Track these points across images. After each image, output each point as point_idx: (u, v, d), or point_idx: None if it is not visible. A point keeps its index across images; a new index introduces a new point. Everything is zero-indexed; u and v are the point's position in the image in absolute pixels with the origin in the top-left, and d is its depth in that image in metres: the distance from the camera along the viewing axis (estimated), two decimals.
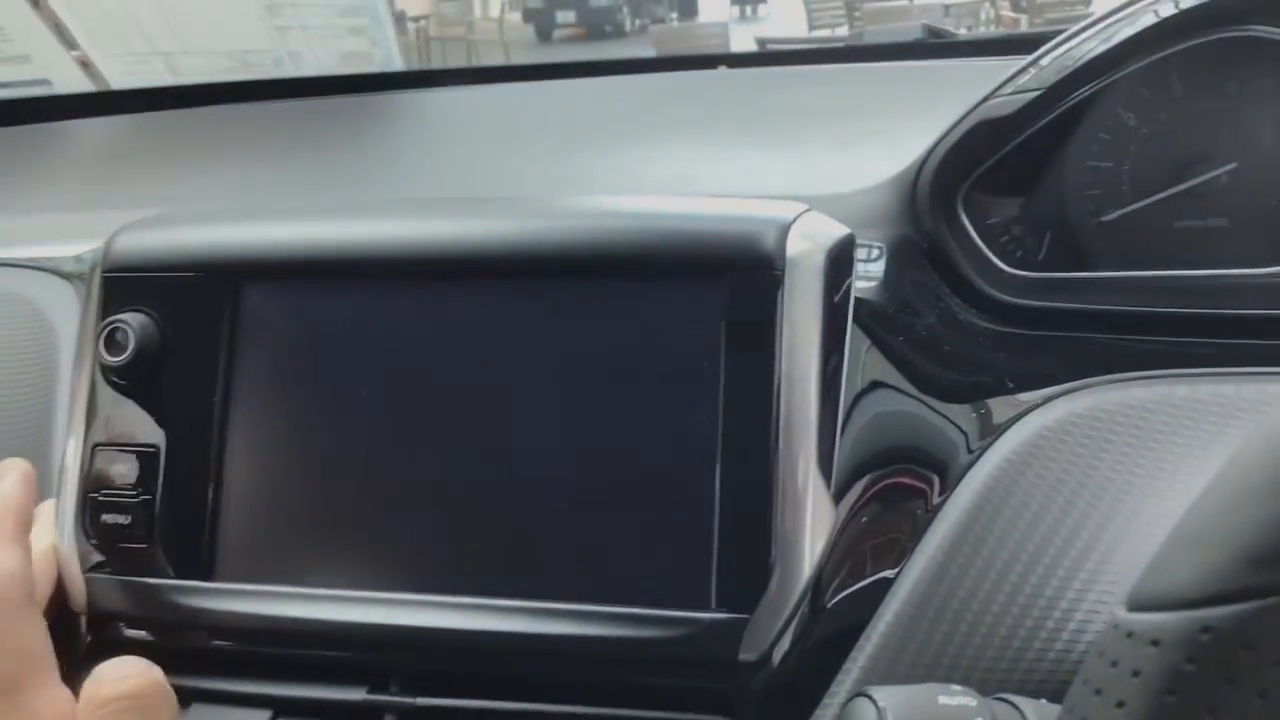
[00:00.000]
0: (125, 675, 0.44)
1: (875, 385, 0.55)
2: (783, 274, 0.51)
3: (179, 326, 0.56)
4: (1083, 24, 0.62)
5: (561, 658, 0.51)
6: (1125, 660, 0.27)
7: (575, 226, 0.54)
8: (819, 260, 0.51)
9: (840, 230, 0.54)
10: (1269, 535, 0.26)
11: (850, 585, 0.51)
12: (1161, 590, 0.28)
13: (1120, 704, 0.27)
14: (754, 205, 0.54)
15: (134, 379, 0.56)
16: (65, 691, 0.44)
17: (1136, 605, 0.28)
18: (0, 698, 0.43)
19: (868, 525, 0.52)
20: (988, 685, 0.46)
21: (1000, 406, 0.56)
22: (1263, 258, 0.62)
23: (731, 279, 0.51)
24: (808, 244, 0.52)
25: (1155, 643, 0.27)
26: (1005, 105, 0.60)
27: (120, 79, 1.17)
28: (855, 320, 0.54)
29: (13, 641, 0.44)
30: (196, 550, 0.54)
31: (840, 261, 0.53)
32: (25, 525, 0.50)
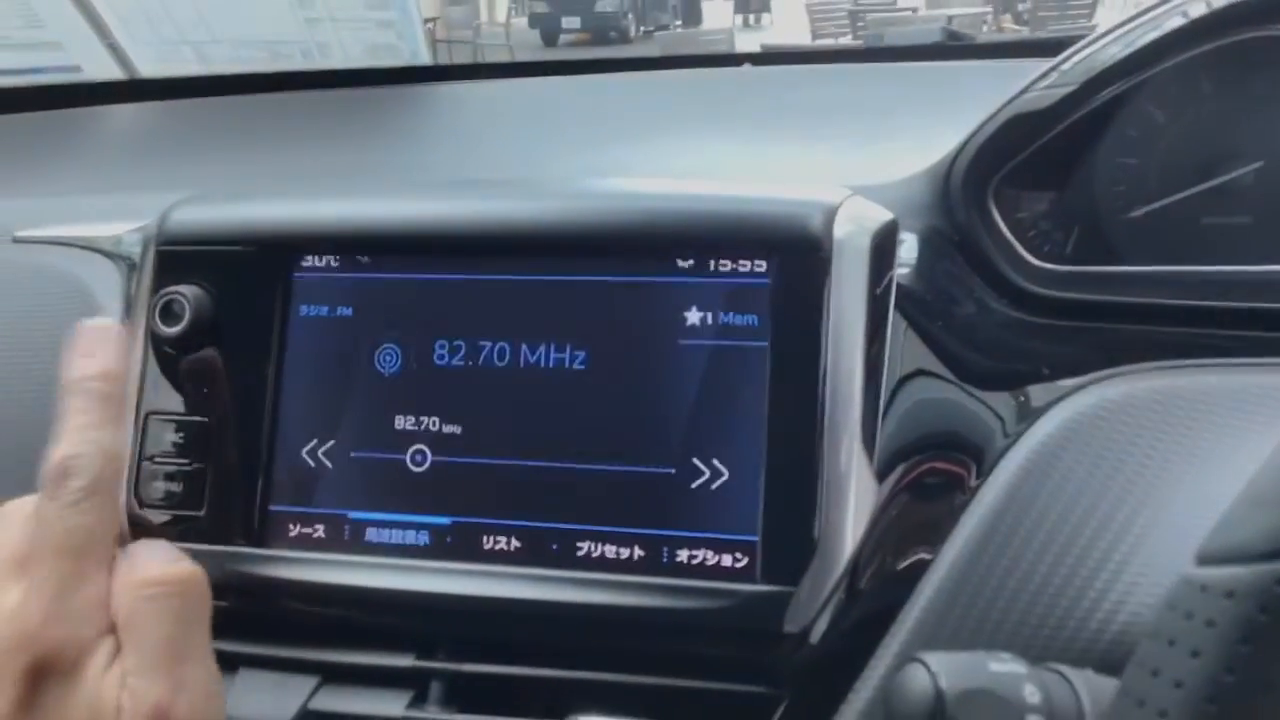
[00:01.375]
0: (165, 559, 0.45)
1: (913, 370, 0.56)
2: (830, 256, 0.52)
3: (233, 298, 0.57)
4: (1114, 24, 0.63)
5: (608, 626, 0.52)
6: (1200, 612, 0.28)
7: (626, 207, 0.55)
8: (865, 243, 0.53)
9: (885, 215, 0.56)
10: None
11: (890, 563, 0.52)
12: (1234, 544, 0.29)
13: (1195, 653, 0.28)
14: (800, 189, 0.55)
15: (188, 350, 0.57)
16: (105, 571, 0.44)
17: (1208, 559, 0.29)
18: (63, 568, 0.43)
19: (906, 506, 0.53)
20: (1026, 660, 0.47)
21: (1035, 392, 0.57)
22: None
23: (778, 260, 0.52)
24: (854, 227, 0.53)
25: (1230, 594, 0.28)
26: (1040, 100, 0.62)
27: (150, 67, 1.17)
28: (896, 305, 0.56)
29: (95, 520, 0.44)
30: (248, 519, 0.55)
31: (885, 246, 0.54)
32: (124, 402, 0.48)
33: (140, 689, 0.42)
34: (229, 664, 0.55)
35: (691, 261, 0.53)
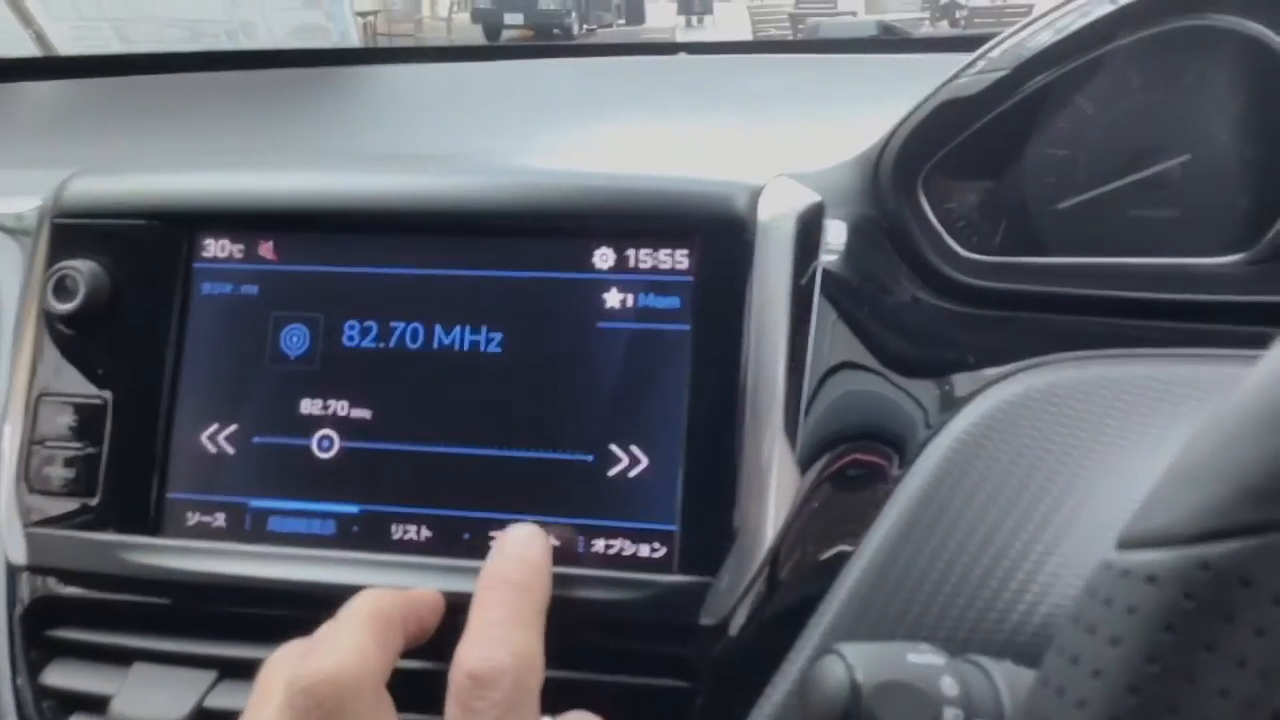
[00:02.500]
0: None
1: (838, 358, 0.55)
2: (754, 237, 0.50)
3: (131, 276, 0.55)
4: (1044, 11, 0.63)
5: None
6: (1120, 598, 0.27)
7: (546, 184, 0.53)
8: (791, 226, 0.51)
9: (812, 197, 0.54)
10: (1269, 470, 0.26)
11: (811, 554, 0.51)
12: (1158, 527, 0.27)
13: (1116, 641, 0.27)
14: (725, 170, 0.54)
15: (82, 328, 0.54)
16: None
17: (1130, 543, 0.28)
18: None
19: (828, 497, 0.52)
20: (948, 651, 0.46)
21: (959, 382, 0.56)
22: (1212, 248, 0.63)
23: (702, 241, 0.51)
24: (780, 209, 0.52)
25: (1152, 579, 0.26)
26: (971, 85, 0.61)
27: (67, 44, 1.14)
28: (822, 291, 0.54)
29: None
30: (143, 506, 0.53)
31: (811, 228, 0.53)
32: (547, 604, 0.46)
33: None
34: (122, 659, 0.53)
35: (614, 241, 0.52)
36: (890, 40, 1.13)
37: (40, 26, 1.13)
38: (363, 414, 0.52)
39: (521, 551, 0.46)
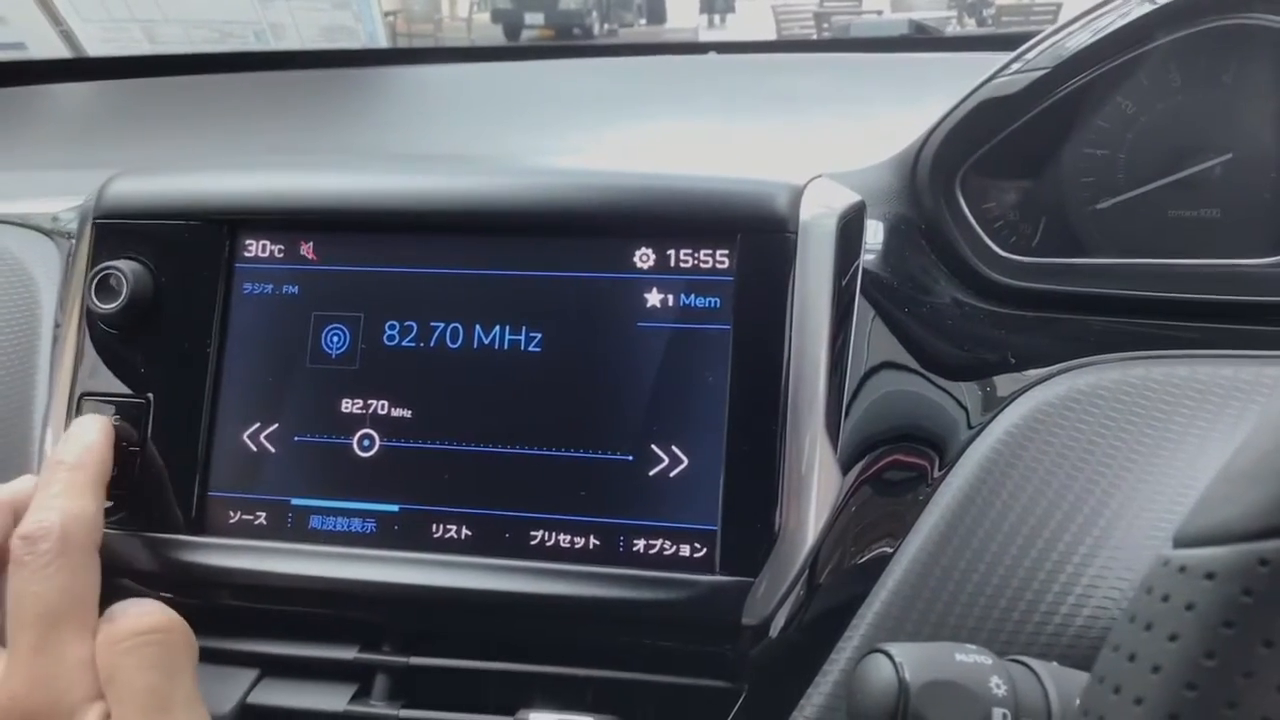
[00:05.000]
0: (143, 611, 0.45)
1: (878, 358, 0.55)
2: (796, 236, 0.50)
3: (173, 275, 0.55)
4: (1082, 12, 0.62)
5: (561, 618, 0.50)
6: (1178, 594, 0.27)
7: (586, 185, 0.53)
8: (832, 225, 0.51)
9: (852, 197, 0.54)
10: None
11: (853, 555, 0.51)
12: (1215, 524, 0.27)
13: (1174, 637, 0.27)
14: (766, 170, 0.53)
15: (125, 328, 0.55)
16: (89, 635, 0.44)
17: (1187, 541, 0.28)
18: (42, 631, 0.43)
19: (869, 498, 0.52)
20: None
21: (1001, 383, 0.56)
22: (1253, 248, 0.62)
23: (743, 241, 0.51)
24: (821, 208, 0.52)
25: (1210, 576, 0.26)
26: (1010, 85, 0.61)
27: (96, 45, 1.14)
28: (861, 291, 0.54)
29: (67, 580, 0.45)
30: (186, 505, 0.53)
31: (852, 228, 0.53)
32: (103, 477, 0.50)
33: None
34: None
35: (656, 241, 0.52)
36: (922, 39, 1.12)
37: (70, 28, 1.14)
38: (403, 413, 0.52)
39: (79, 434, 0.50)
